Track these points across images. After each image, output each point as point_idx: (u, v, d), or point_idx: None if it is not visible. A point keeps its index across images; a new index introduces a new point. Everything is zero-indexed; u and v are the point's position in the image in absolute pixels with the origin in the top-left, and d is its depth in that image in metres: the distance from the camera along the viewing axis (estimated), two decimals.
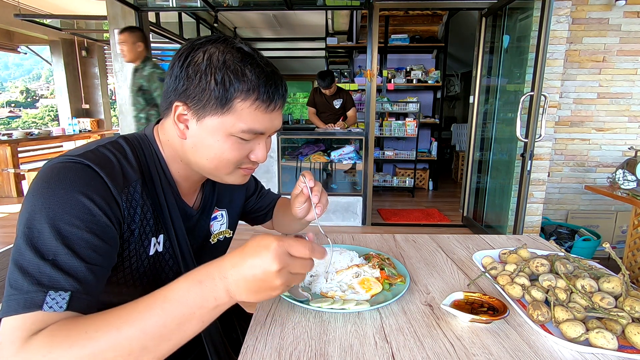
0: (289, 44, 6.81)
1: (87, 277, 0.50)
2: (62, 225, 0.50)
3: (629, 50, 2.91)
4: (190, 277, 0.48)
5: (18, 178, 4.63)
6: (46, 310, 0.46)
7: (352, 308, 0.70)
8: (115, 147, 0.61)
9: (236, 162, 0.64)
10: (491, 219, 3.36)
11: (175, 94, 0.61)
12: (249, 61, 0.59)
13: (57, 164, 0.55)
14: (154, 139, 0.68)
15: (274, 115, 0.64)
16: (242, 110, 0.59)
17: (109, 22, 3.40)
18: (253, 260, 0.47)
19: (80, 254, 0.50)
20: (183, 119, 0.62)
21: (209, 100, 0.59)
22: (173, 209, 0.68)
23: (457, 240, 1.13)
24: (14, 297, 0.46)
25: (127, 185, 0.59)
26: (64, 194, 0.51)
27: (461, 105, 7.77)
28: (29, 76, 26.35)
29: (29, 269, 0.47)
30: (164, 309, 0.46)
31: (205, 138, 0.61)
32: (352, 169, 4.10)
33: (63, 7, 5.39)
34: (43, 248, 0.48)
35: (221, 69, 0.58)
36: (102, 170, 0.55)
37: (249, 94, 0.59)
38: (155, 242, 0.65)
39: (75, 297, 0.48)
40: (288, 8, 3.31)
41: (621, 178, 2.12)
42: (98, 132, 6.45)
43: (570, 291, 0.72)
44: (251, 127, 0.61)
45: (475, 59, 3.53)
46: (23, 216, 0.51)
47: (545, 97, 2.46)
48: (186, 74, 0.59)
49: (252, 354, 0.59)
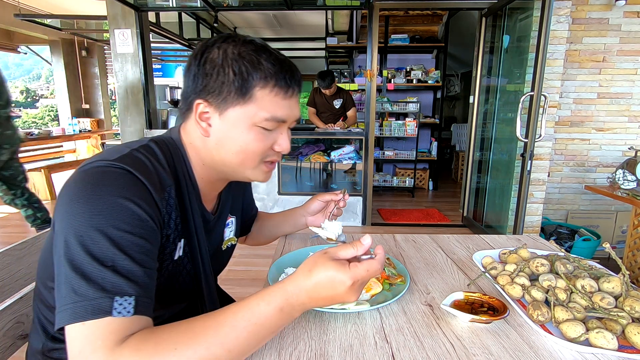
0: (289, 44, 6.81)
1: (145, 281, 0.51)
2: (115, 232, 0.50)
3: (629, 50, 2.91)
4: (271, 303, 0.51)
5: None
6: (115, 315, 0.46)
7: (352, 308, 0.70)
8: (148, 151, 0.61)
9: (261, 154, 0.65)
10: (491, 219, 3.36)
11: (195, 93, 0.62)
12: (263, 52, 0.61)
13: (96, 168, 0.54)
14: (180, 141, 0.68)
15: (292, 103, 0.65)
16: (263, 97, 0.61)
17: (109, 22, 3.40)
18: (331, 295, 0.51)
19: (136, 258, 0.51)
20: (205, 117, 0.63)
21: (229, 92, 0.60)
22: (196, 214, 0.68)
23: (457, 240, 1.13)
24: (81, 304, 0.46)
25: (163, 190, 0.59)
26: (111, 200, 0.51)
27: (461, 105, 7.77)
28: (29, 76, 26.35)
29: (91, 276, 0.47)
30: (249, 331, 0.49)
31: (229, 131, 0.62)
32: (352, 169, 4.10)
33: (63, 7, 5.39)
34: (101, 255, 0.49)
35: (237, 61, 0.60)
36: (141, 175, 0.56)
37: (267, 80, 0.60)
38: (180, 246, 0.66)
39: (139, 301, 0.49)
40: (288, 8, 3.31)
41: (621, 178, 2.12)
42: (98, 132, 6.45)
43: (570, 291, 0.72)
44: (273, 115, 0.62)
45: (475, 59, 3.53)
46: (69, 222, 0.50)
47: (545, 97, 2.46)
48: (204, 71, 0.61)
49: (252, 354, 0.59)
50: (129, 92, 3.55)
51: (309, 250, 0.96)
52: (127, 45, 3.43)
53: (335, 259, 0.52)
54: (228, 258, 0.87)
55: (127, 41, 3.42)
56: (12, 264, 0.78)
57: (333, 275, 0.50)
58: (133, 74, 3.50)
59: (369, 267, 0.52)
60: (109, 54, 6.71)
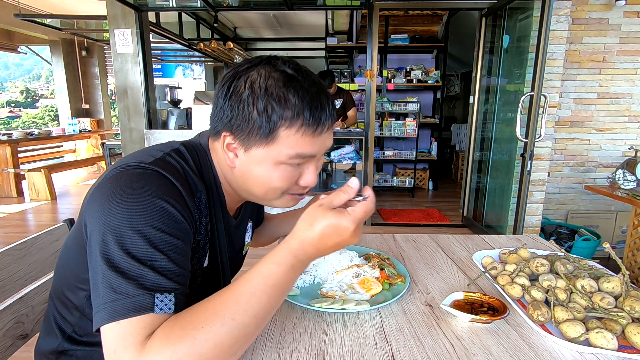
0: (289, 44, 6.81)
1: (181, 280, 0.52)
2: (153, 231, 0.50)
3: (629, 50, 2.91)
4: (281, 264, 0.53)
5: (18, 178, 4.62)
6: (157, 312, 0.47)
7: (352, 308, 0.70)
8: (179, 155, 0.62)
9: (285, 190, 0.64)
10: (491, 219, 3.36)
11: (222, 123, 0.61)
12: (292, 85, 0.57)
13: (131, 169, 0.55)
14: (209, 150, 0.67)
15: (324, 137, 0.61)
16: (288, 137, 0.57)
17: (109, 22, 3.40)
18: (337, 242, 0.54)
19: (173, 258, 0.51)
20: (232, 148, 0.62)
21: (252, 131, 0.57)
22: (219, 221, 0.68)
23: (457, 240, 1.13)
24: (121, 301, 0.46)
25: (194, 195, 0.60)
26: (148, 200, 0.52)
27: (461, 105, 7.77)
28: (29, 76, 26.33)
29: (131, 274, 0.48)
30: (269, 294, 0.51)
31: (254, 168, 0.61)
32: (352, 169, 4.10)
33: (63, 7, 5.39)
34: (139, 254, 0.49)
35: (263, 97, 0.56)
36: (175, 179, 0.56)
37: (294, 120, 0.57)
38: (208, 254, 0.66)
39: (178, 299, 0.50)
40: (288, 8, 3.31)
41: (621, 178, 2.12)
42: (98, 132, 6.45)
43: (570, 291, 0.72)
44: (299, 153, 0.59)
45: (475, 59, 3.53)
46: (107, 221, 0.50)
47: (545, 97, 2.46)
48: (230, 105, 0.58)
49: (252, 354, 0.59)
50: (129, 92, 3.55)
51: None
52: (127, 45, 3.43)
53: (332, 208, 0.54)
54: (242, 262, 0.88)
55: (127, 41, 3.41)
56: (12, 264, 0.77)
57: (337, 223, 0.53)
58: (133, 74, 3.50)
59: (366, 209, 0.55)
60: (109, 54, 6.71)
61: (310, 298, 0.75)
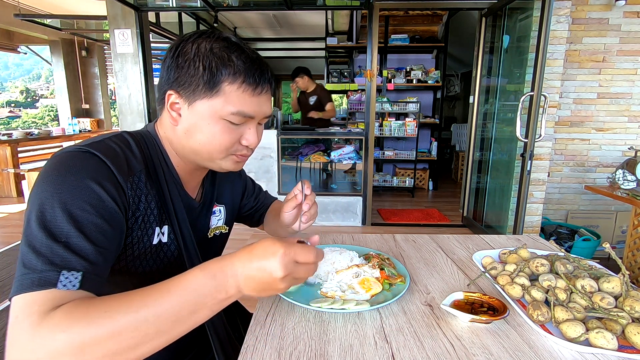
0: (289, 44, 6.81)
1: (97, 259, 0.52)
2: (74, 210, 0.52)
3: (629, 50, 2.91)
4: (206, 269, 0.51)
5: (18, 178, 4.62)
6: (60, 288, 0.48)
7: (352, 308, 0.70)
8: (119, 139, 0.64)
9: (228, 147, 0.66)
10: (491, 219, 3.36)
11: (168, 84, 0.65)
12: (235, 49, 0.63)
13: (65, 153, 0.57)
14: (156, 134, 0.71)
15: (262, 100, 0.66)
16: (230, 93, 0.62)
17: (109, 22, 3.40)
18: (260, 263, 0.51)
19: (91, 237, 0.52)
20: (175, 108, 0.65)
21: (197, 85, 0.62)
22: (177, 201, 0.70)
23: (457, 240, 1.13)
24: (28, 276, 0.48)
25: (132, 175, 0.62)
26: (74, 180, 0.54)
27: (461, 105, 7.77)
28: (29, 76, 26.33)
29: (42, 250, 0.49)
30: (180, 296, 0.49)
31: (197, 122, 0.64)
32: (352, 169, 4.10)
33: (63, 7, 5.38)
34: (56, 230, 0.50)
35: (208, 56, 0.62)
36: (107, 158, 0.58)
37: (236, 77, 0.62)
38: (159, 232, 0.67)
39: (86, 277, 0.50)
40: (288, 8, 3.31)
41: (621, 178, 2.12)
42: (98, 132, 6.45)
43: (570, 291, 0.72)
44: (240, 110, 0.63)
45: (475, 59, 3.53)
46: (34, 201, 0.53)
47: (545, 97, 2.46)
48: (176, 64, 0.63)
49: (252, 354, 0.59)
50: (128, 92, 3.55)
51: None
52: (127, 45, 3.43)
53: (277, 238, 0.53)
54: (219, 247, 0.88)
55: (127, 41, 3.41)
56: (12, 264, 0.77)
57: (269, 243, 0.51)
58: (133, 74, 3.50)
59: (304, 249, 0.52)
60: (109, 54, 6.72)
61: (310, 298, 0.75)
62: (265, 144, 3.61)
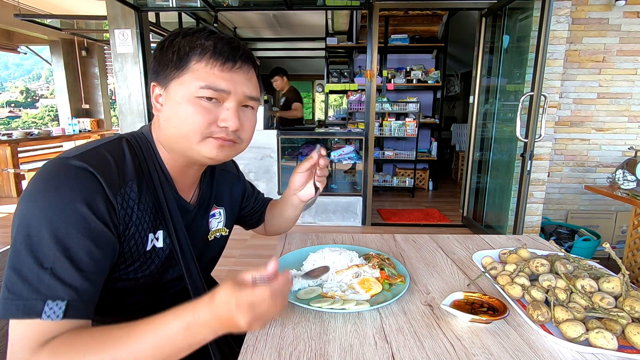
0: (289, 44, 6.81)
1: (84, 285, 0.52)
2: (61, 234, 0.52)
3: (629, 50, 2.91)
4: (179, 318, 0.50)
5: (18, 178, 4.63)
6: (44, 319, 0.48)
7: (352, 308, 0.70)
8: (114, 147, 0.64)
9: (202, 128, 0.63)
10: (491, 219, 3.36)
11: (151, 77, 0.67)
12: (206, 33, 0.65)
13: (55, 165, 0.56)
14: (151, 136, 0.70)
15: (236, 76, 0.65)
16: (198, 70, 0.63)
17: (109, 22, 3.40)
18: (223, 317, 0.50)
19: (78, 262, 0.52)
20: (159, 100, 0.66)
21: (169, 68, 0.64)
22: (171, 205, 0.69)
23: (457, 240, 1.13)
24: (13, 302, 0.48)
25: (124, 185, 0.61)
26: (61, 202, 0.53)
27: (461, 105, 7.77)
28: (29, 76, 26.32)
29: (28, 276, 0.49)
30: (154, 345, 0.49)
31: (172, 106, 0.64)
32: (352, 169, 4.10)
33: (63, 7, 5.38)
34: (42, 256, 0.50)
35: (179, 43, 0.64)
36: (98, 172, 0.57)
37: (203, 54, 0.63)
38: (153, 238, 0.66)
39: (71, 306, 0.50)
40: (288, 8, 3.31)
41: (621, 178, 2.12)
42: (98, 132, 6.45)
43: (570, 291, 0.72)
44: (209, 83, 0.62)
45: (475, 59, 3.53)
46: (21, 220, 0.52)
47: (545, 97, 2.46)
48: (156, 58, 0.66)
49: (252, 354, 0.59)
50: (128, 92, 3.55)
51: (308, 251, 0.96)
52: (127, 45, 3.43)
53: (235, 281, 0.51)
54: (218, 250, 0.87)
55: (127, 41, 3.41)
56: None
57: (224, 297, 0.49)
58: (133, 74, 3.50)
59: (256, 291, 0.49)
60: (109, 54, 6.71)
61: (310, 298, 0.75)
62: (265, 144, 3.61)
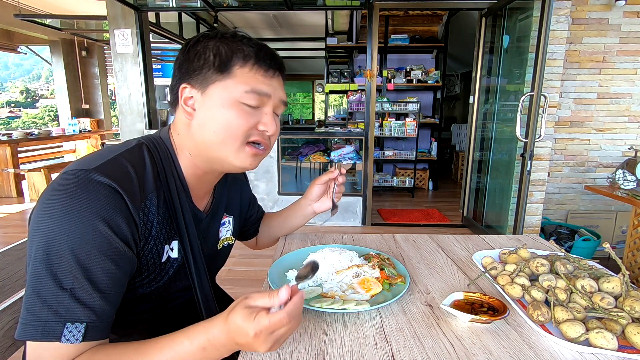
0: (289, 44, 6.81)
1: (103, 306, 0.52)
2: (81, 254, 0.51)
3: (629, 50, 2.91)
4: (195, 342, 0.50)
5: (18, 178, 4.63)
6: (64, 342, 0.48)
7: (352, 308, 0.70)
8: (133, 154, 0.62)
9: (244, 133, 0.63)
10: (491, 219, 3.36)
11: (180, 79, 0.65)
12: (243, 39, 0.65)
13: (74, 179, 0.53)
14: (170, 141, 0.68)
15: (275, 83, 0.66)
16: (242, 74, 0.63)
17: (109, 22, 3.40)
18: (240, 342, 0.49)
19: (98, 283, 0.52)
20: (189, 103, 0.64)
21: (209, 69, 0.62)
22: (187, 214, 0.68)
23: (457, 240, 1.13)
24: (33, 324, 0.48)
25: (144, 199, 0.60)
26: (83, 221, 0.51)
27: (461, 105, 7.77)
28: (29, 76, 26.32)
29: (47, 297, 0.49)
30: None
31: (211, 109, 0.62)
32: (352, 169, 4.10)
33: (63, 7, 5.38)
34: (62, 276, 0.49)
35: (218, 45, 0.63)
36: (120, 187, 0.55)
37: (246, 60, 0.63)
38: (168, 249, 0.66)
39: (90, 328, 0.50)
40: (288, 8, 3.31)
41: (621, 178, 2.12)
42: (98, 132, 6.45)
43: (570, 291, 0.72)
44: (254, 88, 0.63)
45: (475, 59, 3.53)
46: (41, 238, 0.51)
47: (545, 97, 2.46)
48: (187, 58, 0.64)
49: (252, 354, 0.59)
50: (128, 92, 3.55)
51: (308, 251, 0.96)
52: (127, 45, 3.43)
53: (248, 306, 0.49)
54: (225, 258, 0.87)
55: (127, 41, 3.42)
56: (12, 264, 0.77)
57: (240, 325, 0.48)
58: (133, 74, 3.50)
59: (273, 319, 0.48)
60: (109, 54, 6.71)
61: (310, 298, 0.75)
62: None
